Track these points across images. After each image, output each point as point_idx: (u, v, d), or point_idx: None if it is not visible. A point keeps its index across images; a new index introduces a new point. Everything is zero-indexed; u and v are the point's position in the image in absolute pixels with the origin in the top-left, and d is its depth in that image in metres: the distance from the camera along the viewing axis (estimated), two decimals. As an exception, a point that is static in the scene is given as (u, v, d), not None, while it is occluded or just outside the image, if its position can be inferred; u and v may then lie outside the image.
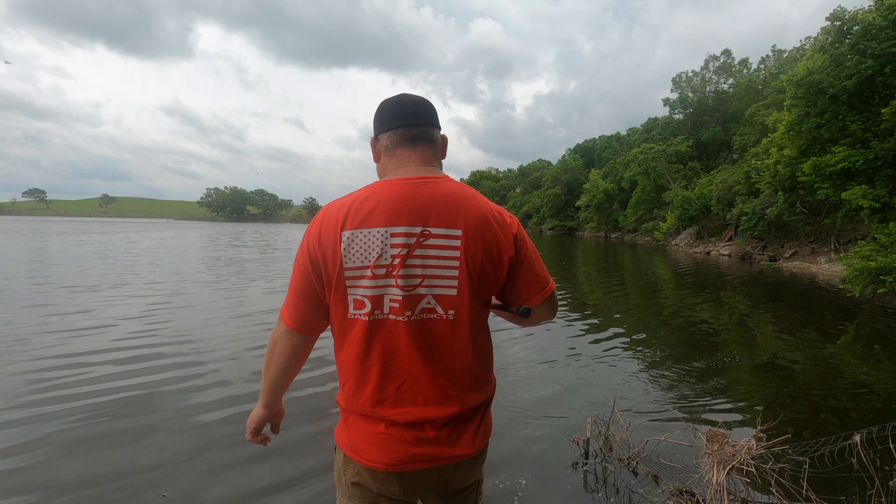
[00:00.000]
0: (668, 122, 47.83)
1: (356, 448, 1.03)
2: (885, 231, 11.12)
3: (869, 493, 2.32)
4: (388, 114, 1.08)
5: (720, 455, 2.51)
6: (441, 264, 0.99)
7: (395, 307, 0.99)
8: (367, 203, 0.98)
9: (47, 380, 4.14)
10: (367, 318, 0.99)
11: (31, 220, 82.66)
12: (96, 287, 9.25)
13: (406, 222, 0.97)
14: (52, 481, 2.65)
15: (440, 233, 0.98)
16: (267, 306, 7.81)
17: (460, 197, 1.01)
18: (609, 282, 13.81)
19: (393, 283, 0.98)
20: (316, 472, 2.80)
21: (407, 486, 1.03)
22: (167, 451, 3.00)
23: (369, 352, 1.01)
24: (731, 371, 5.12)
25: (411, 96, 1.09)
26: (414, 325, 0.99)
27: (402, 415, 1.00)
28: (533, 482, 2.77)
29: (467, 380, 1.05)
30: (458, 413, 1.03)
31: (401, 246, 0.97)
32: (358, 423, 1.04)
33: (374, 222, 0.96)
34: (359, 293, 0.98)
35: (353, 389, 1.04)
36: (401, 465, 1.00)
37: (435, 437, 1.01)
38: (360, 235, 0.96)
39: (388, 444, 1.00)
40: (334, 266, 0.98)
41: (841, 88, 13.73)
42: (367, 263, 0.97)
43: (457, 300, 1.00)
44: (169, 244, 23.91)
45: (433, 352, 1.01)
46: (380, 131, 1.10)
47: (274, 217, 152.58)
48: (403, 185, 1.00)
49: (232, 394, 3.97)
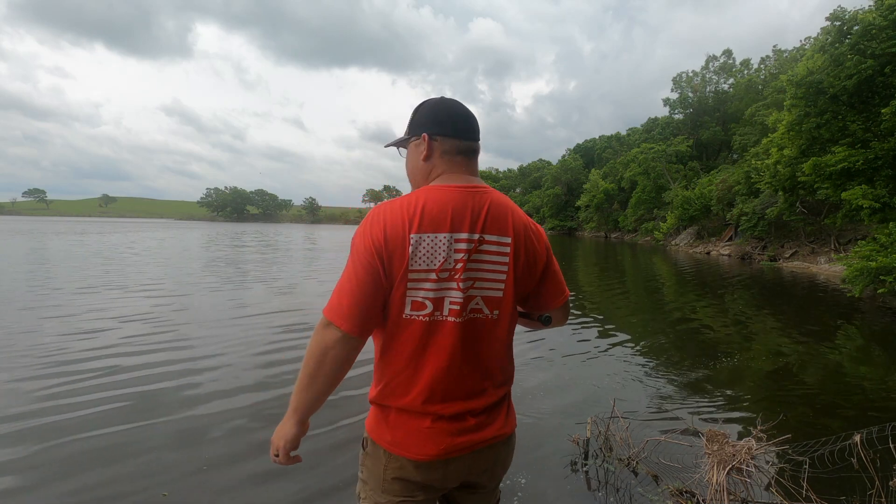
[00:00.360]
0: (668, 122, 47.84)
1: (402, 444, 1.06)
2: (885, 231, 11.11)
3: (869, 493, 2.32)
4: (451, 120, 1.12)
5: (720, 455, 2.51)
6: (492, 268, 1.08)
7: (455, 309, 1.05)
8: (431, 208, 1.02)
9: (49, 376, 4.14)
10: (427, 318, 1.04)
11: (32, 220, 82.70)
12: (96, 289, 9.25)
13: (468, 229, 1.04)
14: (54, 481, 2.65)
15: (493, 240, 1.07)
16: (270, 308, 7.81)
17: (506, 207, 1.11)
18: (609, 282, 13.81)
19: (454, 286, 1.04)
20: (316, 470, 2.80)
21: (448, 475, 1.10)
22: (169, 451, 3.00)
23: (424, 351, 1.05)
24: (730, 371, 5.12)
25: (467, 109, 1.15)
26: (465, 325, 1.06)
27: (447, 409, 1.06)
28: (533, 482, 2.77)
29: (499, 373, 1.16)
30: (493, 402, 1.13)
31: (464, 251, 1.04)
32: (402, 419, 1.07)
33: (440, 227, 1.02)
34: (419, 295, 1.03)
35: (400, 387, 1.06)
36: (446, 454, 1.06)
37: (475, 425, 1.09)
38: (427, 239, 1.01)
39: (435, 437, 1.05)
40: (400, 267, 1.01)
41: (841, 88, 13.73)
42: (432, 267, 1.02)
43: (501, 301, 1.10)
44: (169, 244, 23.91)
45: (478, 349, 1.09)
46: (439, 133, 1.12)
47: (274, 217, 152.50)
48: (462, 194, 1.07)
49: (234, 393, 3.97)
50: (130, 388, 4.02)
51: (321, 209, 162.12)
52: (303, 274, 13.03)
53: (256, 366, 4.70)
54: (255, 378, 4.36)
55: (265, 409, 3.70)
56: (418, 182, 1.16)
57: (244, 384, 4.20)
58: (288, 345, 5.52)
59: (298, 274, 12.92)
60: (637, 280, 14.69)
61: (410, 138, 1.16)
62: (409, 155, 1.19)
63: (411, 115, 1.17)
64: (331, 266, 15.30)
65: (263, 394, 4.00)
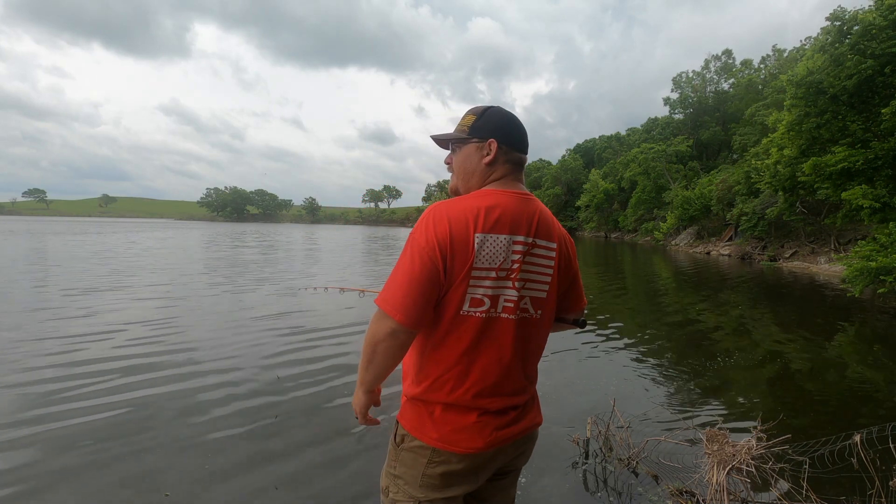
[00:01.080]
0: (668, 122, 47.86)
1: (449, 439, 1.10)
2: (885, 231, 11.11)
3: (869, 493, 2.32)
4: (518, 134, 1.22)
5: (720, 455, 2.51)
6: (540, 271, 1.16)
7: (509, 307, 1.12)
8: (494, 211, 1.09)
9: (52, 379, 4.14)
10: (484, 315, 1.09)
11: (32, 220, 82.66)
12: (96, 290, 9.24)
13: (524, 232, 1.12)
14: (56, 478, 2.65)
15: (543, 244, 1.16)
16: (275, 310, 7.80)
17: (551, 216, 1.22)
18: (609, 281, 13.81)
19: (510, 285, 1.11)
20: (318, 471, 2.80)
21: (492, 462, 1.17)
22: (171, 451, 3.00)
23: (478, 346, 1.10)
24: (731, 371, 5.12)
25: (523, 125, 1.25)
26: (516, 323, 1.14)
27: (493, 403, 1.13)
28: (533, 481, 2.77)
29: (535, 371, 1.26)
30: (530, 398, 1.24)
31: (520, 253, 1.11)
32: (449, 415, 1.12)
33: (502, 229, 1.09)
34: (479, 292, 1.08)
35: (451, 382, 1.11)
36: (491, 447, 1.12)
37: (514, 419, 1.17)
38: (490, 239, 1.07)
39: (482, 430, 1.11)
40: (464, 264, 1.05)
41: (841, 88, 13.72)
42: (493, 265, 1.08)
43: (545, 302, 1.19)
44: (171, 245, 23.90)
45: (525, 346, 1.17)
46: (506, 142, 1.19)
47: (274, 217, 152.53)
48: (519, 200, 1.15)
49: (237, 393, 3.97)
50: (133, 388, 4.02)
51: (321, 209, 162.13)
52: (308, 274, 13.03)
53: (262, 367, 4.70)
54: (261, 381, 4.35)
55: (270, 411, 3.70)
56: (473, 181, 1.21)
57: (250, 383, 4.20)
58: (295, 346, 5.51)
59: (302, 274, 12.91)
60: (637, 280, 14.69)
61: (472, 139, 1.21)
62: (466, 154, 1.22)
63: (473, 118, 1.21)
64: (334, 264, 15.31)
65: (269, 398, 4.00)
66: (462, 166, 1.23)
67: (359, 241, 34.94)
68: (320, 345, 5.56)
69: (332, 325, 6.33)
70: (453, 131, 1.26)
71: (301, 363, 4.84)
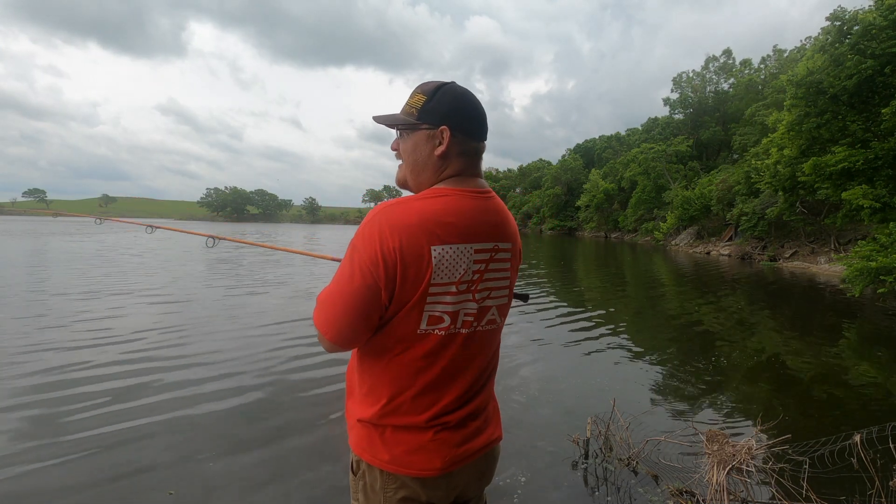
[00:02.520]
0: (668, 122, 47.86)
1: (403, 462, 0.99)
2: (886, 231, 11.12)
3: (869, 493, 2.32)
4: (476, 119, 1.04)
5: (720, 455, 2.51)
6: (502, 276, 1.04)
7: (469, 321, 1.00)
8: (449, 216, 0.94)
9: (55, 369, 4.15)
10: (443, 332, 0.97)
11: (31, 220, 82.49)
12: (98, 293, 9.24)
13: (485, 238, 0.99)
14: (58, 477, 2.65)
15: (504, 247, 1.03)
16: (284, 314, 7.80)
17: (506, 212, 1.08)
18: (609, 282, 13.81)
19: (470, 297, 0.99)
20: (320, 469, 2.80)
21: (451, 487, 1.05)
22: (175, 450, 3.01)
23: (434, 365, 0.99)
24: (730, 371, 5.12)
25: (482, 106, 1.07)
26: (476, 336, 1.02)
27: (451, 419, 1.02)
28: (533, 482, 2.77)
29: (493, 376, 1.14)
30: (490, 408, 1.12)
31: (482, 262, 0.99)
32: (401, 436, 1.00)
33: (461, 238, 0.95)
34: (438, 310, 0.96)
35: (406, 404, 0.99)
36: (451, 466, 1.01)
37: (473, 432, 1.05)
38: (449, 251, 0.93)
39: (439, 450, 1.00)
40: (418, 282, 0.92)
41: (841, 88, 13.73)
42: (453, 279, 0.95)
43: (506, 307, 1.09)
44: (172, 244, 23.89)
45: (483, 357, 1.06)
46: (461, 130, 1.01)
47: (274, 217, 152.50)
48: (479, 200, 1.00)
49: (241, 393, 3.98)
50: (141, 388, 4.02)
51: (321, 209, 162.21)
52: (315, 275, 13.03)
53: (267, 369, 4.70)
54: (265, 380, 4.36)
55: (272, 409, 3.70)
56: (424, 177, 1.04)
57: (253, 383, 4.20)
58: (298, 345, 5.51)
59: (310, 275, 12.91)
60: (637, 280, 14.69)
61: (421, 125, 1.01)
62: (415, 143, 1.03)
63: (423, 98, 1.01)
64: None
65: (272, 397, 4.00)
66: (411, 157, 1.04)
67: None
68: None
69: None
70: (400, 111, 1.06)
71: (315, 365, 4.84)
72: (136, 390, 3.99)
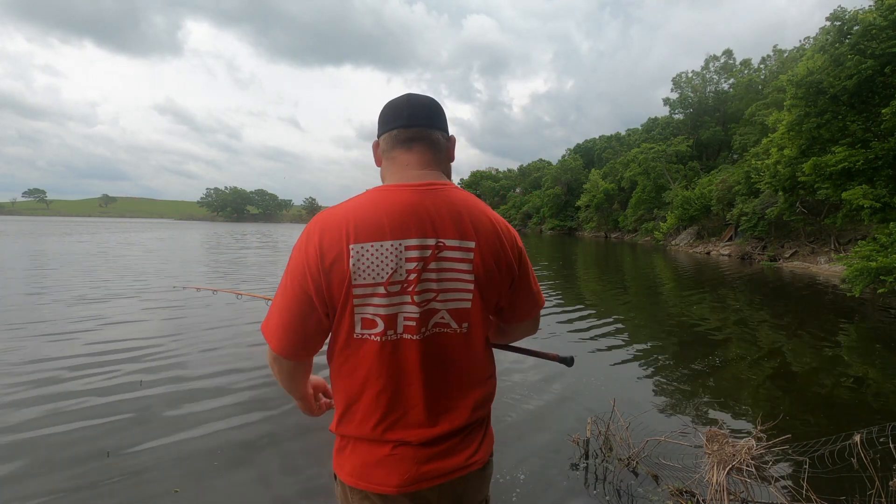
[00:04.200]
0: (668, 122, 47.85)
1: (362, 475, 0.96)
2: (886, 231, 11.12)
3: (869, 493, 2.32)
4: (387, 115, 1.03)
5: (720, 455, 2.51)
6: (456, 277, 0.95)
7: (411, 325, 0.93)
8: (372, 213, 0.91)
9: (52, 358, 4.15)
10: (380, 338, 0.93)
11: (32, 220, 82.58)
12: (102, 298, 9.24)
13: (418, 234, 0.92)
14: (61, 475, 2.65)
15: (454, 244, 0.94)
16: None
17: (468, 206, 0.98)
18: (609, 281, 13.81)
19: (408, 299, 0.92)
20: (326, 466, 2.80)
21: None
22: (179, 449, 3.01)
23: (380, 374, 0.94)
24: (731, 371, 5.12)
25: (415, 96, 1.03)
26: (427, 342, 0.95)
27: (411, 434, 0.96)
28: (532, 481, 2.77)
29: (475, 391, 1.03)
30: (466, 425, 1.01)
31: (416, 259, 0.92)
32: (361, 449, 0.97)
33: (385, 235, 0.90)
34: (368, 312, 0.91)
35: (357, 414, 0.96)
36: (412, 484, 0.94)
37: (444, 451, 0.97)
38: (370, 249, 0.89)
39: (398, 465, 0.95)
40: (341, 284, 0.89)
41: (841, 88, 13.73)
42: (379, 280, 0.90)
43: (471, 313, 0.98)
44: (175, 245, 23.90)
45: (446, 367, 0.98)
46: (380, 133, 1.05)
47: (274, 217, 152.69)
48: (409, 193, 0.94)
49: (245, 393, 3.98)
50: (146, 389, 4.02)
51: (321, 209, 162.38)
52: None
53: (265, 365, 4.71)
54: (267, 377, 4.36)
55: (276, 407, 3.70)
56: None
57: (259, 380, 4.20)
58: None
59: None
60: (637, 280, 14.69)
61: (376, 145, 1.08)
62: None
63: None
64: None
65: (276, 396, 4.00)
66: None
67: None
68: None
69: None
70: None
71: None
72: (138, 389, 3.99)
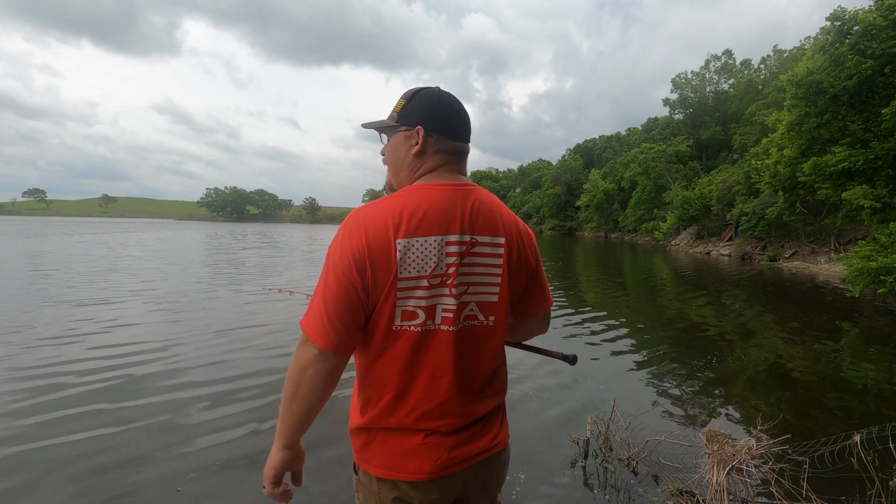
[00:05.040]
0: (668, 122, 47.86)
1: (394, 465, 1.00)
2: (886, 231, 11.11)
3: (869, 493, 2.32)
4: (451, 119, 1.06)
5: (720, 455, 2.51)
6: (486, 272, 1.02)
7: (448, 317, 0.99)
8: (418, 210, 0.96)
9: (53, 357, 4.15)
10: (419, 329, 0.97)
11: (32, 220, 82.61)
12: (105, 300, 9.24)
13: (458, 230, 0.98)
14: (63, 473, 2.66)
15: (486, 241, 1.01)
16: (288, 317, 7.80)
17: (495, 206, 1.05)
18: (609, 281, 13.81)
19: (447, 292, 0.98)
20: (329, 467, 2.80)
21: (446, 492, 1.03)
22: (182, 448, 3.02)
23: (416, 363, 0.98)
24: (730, 371, 5.12)
25: (463, 107, 1.09)
26: (460, 333, 1.01)
27: (441, 422, 1.01)
28: (532, 481, 2.77)
29: (496, 381, 1.11)
30: (488, 412, 1.08)
31: (455, 254, 0.97)
32: (391, 440, 1.01)
33: (430, 230, 0.95)
34: (410, 304, 0.96)
35: (390, 405, 1.00)
36: (442, 470, 1.00)
37: (470, 436, 1.04)
38: (416, 244, 0.94)
39: (430, 453, 0.99)
40: (387, 276, 0.93)
41: (841, 88, 13.73)
42: (423, 273, 0.95)
43: (497, 306, 1.05)
44: (177, 245, 23.91)
45: (475, 358, 1.04)
46: (435, 130, 1.05)
47: (274, 217, 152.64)
48: (449, 191, 1.00)
49: (251, 392, 3.98)
50: (150, 390, 4.02)
51: (321, 209, 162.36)
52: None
53: (270, 367, 4.71)
54: (276, 380, 4.36)
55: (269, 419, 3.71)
56: (402, 176, 1.08)
57: (264, 378, 4.21)
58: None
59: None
60: (637, 280, 14.69)
61: (400, 126, 1.06)
62: (395, 144, 1.09)
63: (403, 102, 1.07)
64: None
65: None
66: (391, 158, 1.10)
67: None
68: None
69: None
70: (387, 118, 1.10)
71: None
72: (149, 392, 3.99)
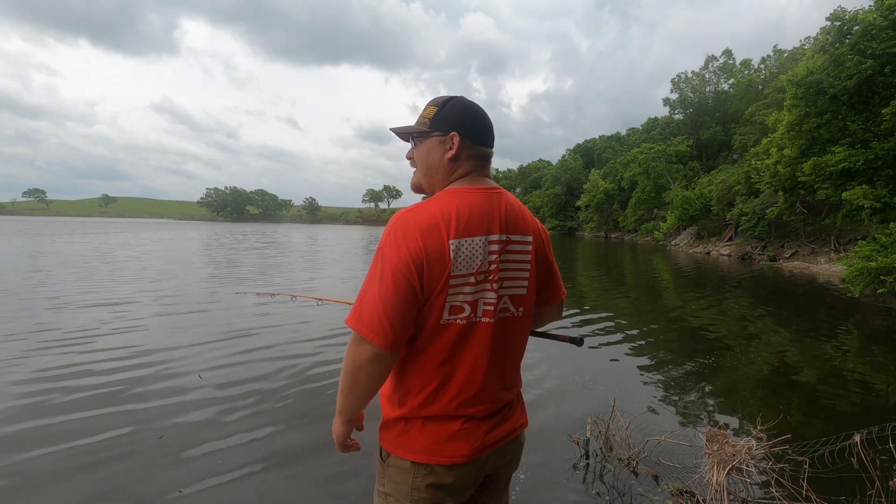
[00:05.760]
0: (668, 122, 47.90)
1: (434, 451, 1.06)
2: (886, 231, 11.11)
3: (869, 493, 2.32)
4: (483, 127, 1.16)
5: (720, 455, 2.51)
6: (517, 267, 1.13)
7: (489, 310, 1.08)
8: (464, 212, 1.05)
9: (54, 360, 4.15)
10: (464, 321, 1.06)
11: (32, 220, 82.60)
12: (107, 302, 9.24)
13: (497, 230, 1.08)
14: (64, 472, 2.66)
15: (517, 239, 1.12)
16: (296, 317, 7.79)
17: (520, 206, 1.18)
18: (609, 281, 13.81)
19: (489, 286, 1.07)
20: (332, 469, 2.80)
21: (479, 471, 1.13)
22: (183, 447, 3.02)
23: (459, 354, 1.07)
24: (730, 371, 5.12)
25: (488, 117, 1.19)
26: (497, 324, 1.10)
27: (478, 408, 1.09)
28: (532, 481, 2.77)
29: (519, 368, 1.24)
30: (515, 396, 1.21)
31: (496, 252, 1.07)
32: (431, 427, 1.08)
33: (476, 230, 1.05)
34: (458, 299, 1.04)
35: (432, 394, 1.07)
36: (479, 452, 1.09)
37: (500, 419, 1.15)
38: (466, 244, 1.03)
39: (469, 437, 1.08)
40: (441, 275, 1.01)
41: (841, 88, 13.73)
42: (471, 270, 1.04)
43: (525, 298, 1.16)
44: (179, 246, 23.91)
45: (508, 347, 1.15)
46: (469, 136, 1.13)
47: (274, 217, 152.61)
48: (487, 195, 1.10)
49: (251, 388, 3.98)
50: (152, 393, 4.02)
51: (321, 209, 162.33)
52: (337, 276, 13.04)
53: (283, 370, 4.71)
54: (282, 380, 4.36)
55: (285, 407, 3.71)
56: (437, 178, 1.16)
57: (267, 383, 4.21)
58: (319, 350, 5.52)
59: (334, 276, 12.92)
60: (637, 280, 14.69)
61: (433, 132, 1.14)
62: (428, 148, 1.15)
63: (435, 109, 1.14)
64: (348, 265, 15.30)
65: (288, 399, 4.00)
66: (424, 161, 1.17)
67: (369, 241, 34.90)
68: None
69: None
70: (415, 123, 1.18)
71: (332, 369, 4.85)
72: (152, 394, 3.99)
